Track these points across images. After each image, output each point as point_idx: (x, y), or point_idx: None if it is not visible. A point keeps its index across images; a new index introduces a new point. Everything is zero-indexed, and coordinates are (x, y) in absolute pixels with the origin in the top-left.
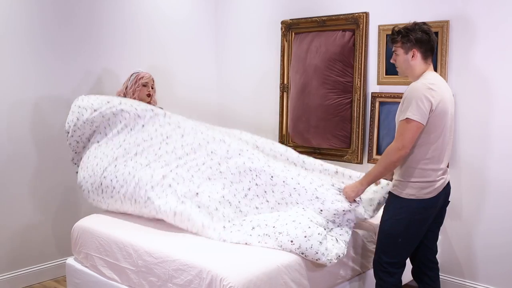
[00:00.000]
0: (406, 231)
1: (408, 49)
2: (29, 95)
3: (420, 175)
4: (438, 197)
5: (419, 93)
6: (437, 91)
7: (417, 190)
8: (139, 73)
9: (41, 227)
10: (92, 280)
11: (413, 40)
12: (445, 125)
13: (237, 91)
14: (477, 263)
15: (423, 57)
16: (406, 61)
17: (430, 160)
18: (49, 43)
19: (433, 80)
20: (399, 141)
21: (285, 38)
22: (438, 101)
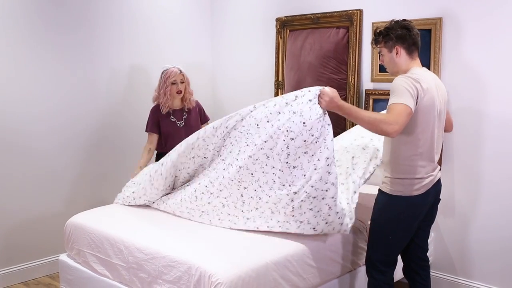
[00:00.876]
0: (396, 229)
1: (391, 47)
2: (31, 90)
3: (408, 172)
4: (427, 194)
5: (404, 83)
6: (422, 84)
7: (405, 187)
8: (167, 71)
9: (36, 224)
10: (84, 276)
11: (394, 38)
12: (433, 121)
13: (232, 89)
14: (470, 260)
15: (407, 52)
16: (392, 59)
17: (418, 156)
18: (50, 43)
19: (419, 75)
20: (391, 117)
21: (280, 35)
22: (424, 94)
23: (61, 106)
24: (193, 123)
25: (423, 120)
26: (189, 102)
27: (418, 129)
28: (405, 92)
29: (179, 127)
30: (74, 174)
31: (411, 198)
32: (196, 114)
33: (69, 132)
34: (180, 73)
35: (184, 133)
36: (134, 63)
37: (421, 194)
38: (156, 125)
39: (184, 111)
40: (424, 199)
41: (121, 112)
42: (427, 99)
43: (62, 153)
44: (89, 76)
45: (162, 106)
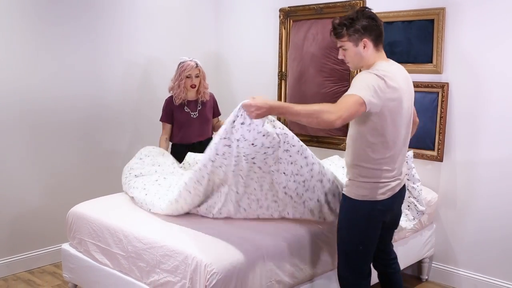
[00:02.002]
0: (366, 237)
1: (358, 40)
2: (39, 77)
3: (373, 175)
4: (394, 199)
5: (368, 78)
6: (389, 82)
7: (370, 191)
8: (183, 64)
9: (41, 212)
10: (85, 265)
11: (361, 29)
12: (401, 121)
13: (236, 79)
14: (471, 251)
15: (374, 45)
16: (358, 53)
17: (386, 159)
18: (56, 34)
19: (386, 71)
20: (336, 109)
21: (283, 26)
22: (391, 92)
23: (74, 97)
24: (207, 114)
25: (391, 121)
26: (203, 95)
27: (386, 131)
28: (363, 86)
29: (193, 118)
30: (83, 166)
31: (377, 203)
32: (210, 107)
33: (81, 122)
34: (196, 67)
35: (198, 123)
36: (143, 54)
37: (387, 198)
38: (169, 115)
39: (198, 103)
40: (391, 204)
41: (136, 103)
42: (394, 98)
43: (68, 143)
44: (103, 67)
45: (175, 97)
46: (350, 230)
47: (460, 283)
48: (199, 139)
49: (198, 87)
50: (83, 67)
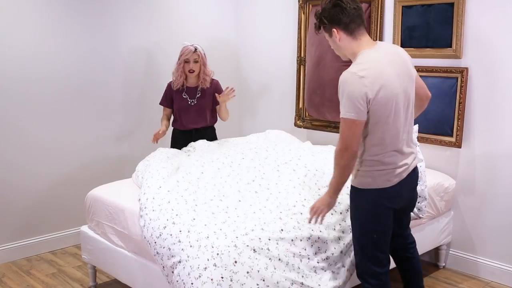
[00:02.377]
0: (377, 225)
1: (329, 31)
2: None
3: (376, 164)
4: (402, 185)
5: (350, 87)
6: (370, 78)
7: (374, 179)
8: (183, 48)
9: (65, 195)
10: (102, 247)
11: (328, 20)
12: (391, 111)
13: (255, 64)
14: (489, 239)
15: (348, 33)
16: (334, 44)
17: (383, 148)
18: (75, 15)
19: (366, 64)
20: (341, 143)
21: (303, 11)
22: (375, 89)
23: (82, 79)
24: (205, 103)
25: (382, 114)
26: (203, 82)
27: (378, 123)
28: (349, 102)
29: (190, 105)
30: (104, 150)
31: (382, 190)
32: (210, 94)
33: (104, 107)
34: (194, 52)
35: (195, 111)
36: (155, 39)
37: (393, 185)
38: (169, 99)
39: (198, 90)
40: (398, 191)
41: (141, 87)
42: (381, 93)
43: (96, 128)
44: (123, 55)
45: (173, 82)
46: (361, 220)
47: (478, 271)
48: (195, 126)
49: (198, 73)
50: (103, 52)
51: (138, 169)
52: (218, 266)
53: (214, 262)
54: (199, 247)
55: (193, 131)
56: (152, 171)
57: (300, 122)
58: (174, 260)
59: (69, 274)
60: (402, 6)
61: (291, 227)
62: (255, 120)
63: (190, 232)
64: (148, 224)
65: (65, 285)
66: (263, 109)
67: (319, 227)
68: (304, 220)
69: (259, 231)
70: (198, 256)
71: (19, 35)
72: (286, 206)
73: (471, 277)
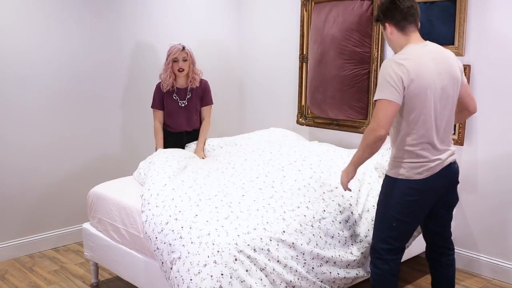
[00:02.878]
0: (400, 214)
1: (383, 25)
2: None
3: (410, 156)
4: (434, 180)
5: (388, 70)
6: (408, 66)
7: (407, 170)
8: (170, 47)
9: (67, 192)
10: (104, 244)
11: (383, 15)
12: (426, 102)
13: (258, 62)
14: (491, 237)
15: (398, 29)
16: (387, 37)
17: (417, 139)
18: (75, 12)
19: (408, 54)
20: (373, 122)
21: (305, 8)
22: (411, 77)
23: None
24: (194, 104)
25: (416, 104)
26: (192, 81)
27: (412, 113)
28: (386, 83)
29: (181, 107)
30: (106, 147)
31: (413, 182)
32: (198, 95)
33: (105, 105)
34: (183, 50)
35: (186, 113)
36: (163, 40)
37: (425, 178)
38: (161, 101)
39: (188, 91)
40: (430, 184)
41: (141, 85)
42: (416, 83)
43: (98, 126)
44: (125, 53)
45: (162, 83)
46: (386, 206)
47: (480, 268)
48: (186, 129)
49: (186, 71)
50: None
51: (141, 167)
52: (218, 263)
53: (214, 259)
54: (200, 243)
55: (184, 133)
56: (157, 169)
57: (302, 120)
58: (174, 256)
59: (71, 271)
60: None
61: (293, 230)
62: (257, 118)
63: (191, 229)
64: (151, 219)
65: (67, 282)
66: (265, 106)
67: (319, 233)
68: (306, 223)
69: (261, 231)
70: (199, 252)
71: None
72: (291, 206)
73: (472, 274)
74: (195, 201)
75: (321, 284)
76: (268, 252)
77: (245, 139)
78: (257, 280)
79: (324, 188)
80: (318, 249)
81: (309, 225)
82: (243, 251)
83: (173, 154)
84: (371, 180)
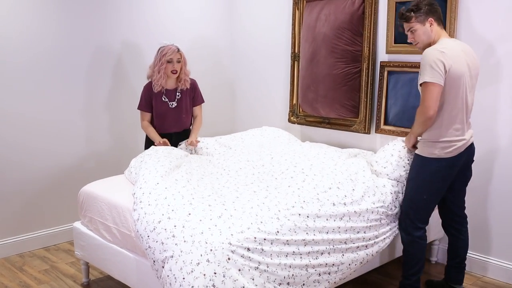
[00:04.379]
0: (430, 188)
1: (424, 20)
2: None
3: (443, 135)
4: (460, 157)
5: (432, 57)
6: (448, 54)
7: (439, 150)
8: (164, 48)
9: (58, 191)
10: (95, 243)
11: (426, 11)
12: (463, 87)
13: (250, 61)
14: (481, 234)
15: (438, 23)
16: (426, 31)
17: (451, 120)
18: (62, 11)
19: (445, 45)
20: (422, 104)
21: (297, 7)
22: (451, 64)
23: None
24: (186, 104)
25: (452, 88)
26: (183, 83)
27: (448, 96)
28: (429, 68)
29: (171, 108)
30: (95, 146)
31: (444, 160)
32: (189, 96)
33: (94, 108)
34: (177, 51)
35: (176, 114)
36: (156, 40)
37: (453, 156)
38: (149, 103)
39: (177, 92)
40: (456, 161)
41: (131, 84)
42: (454, 69)
43: (85, 128)
44: (113, 53)
45: (154, 84)
46: (419, 183)
47: (470, 266)
48: (175, 130)
49: (179, 73)
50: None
51: (132, 165)
52: (211, 261)
53: (207, 258)
54: (193, 242)
55: (173, 135)
56: (149, 168)
57: (294, 118)
58: (166, 255)
59: (62, 270)
60: (396, 2)
61: (287, 229)
62: (249, 116)
63: (184, 228)
64: (143, 218)
65: (58, 281)
66: (257, 105)
67: (313, 230)
68: (301, 222)
69: (255, 231)
70: (192, 251)
71: None
72: (285, 205)
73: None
74: (188, 200)
75: (318, 278)
76: (262, 251)
77: (238, 140)
78: (249, 279)
79: (318, 189)
80: (313, 243)
81: (304, 224)
82: (236, 251)
83: (165, 154)
84: (365, 179)
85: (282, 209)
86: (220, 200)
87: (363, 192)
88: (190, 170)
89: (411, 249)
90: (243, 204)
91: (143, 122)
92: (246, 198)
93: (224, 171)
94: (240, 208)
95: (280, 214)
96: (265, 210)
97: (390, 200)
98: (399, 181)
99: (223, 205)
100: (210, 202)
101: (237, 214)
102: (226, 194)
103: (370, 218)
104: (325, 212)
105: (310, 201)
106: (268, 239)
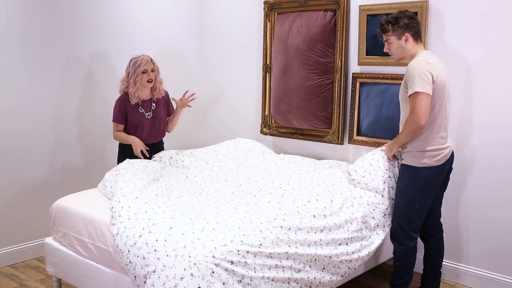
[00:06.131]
0: (422, 197)
1: (400, 35)
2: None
3: (431, 144)
4: (445, 165)
5: (420, 68)
6: (433, 64)
7: (429, 159)
8: (136, 59)
9: (23, 207)
10: (69, 259)
11: (403, 26)
12: (444, 96)
13: (221, 72)
14: (454, 242)
15: (414, 39)
16: (401, 46)
17: (437, 129)
18: (34, 28)
19: (427, 56)
20: (413, 114)
21: (268, 18)
22: (437, 74)
23: (50, 93)
24: (161, 114)
25: (438, 97)
26: (158, 91)
27: (436, 106)
28: (419, 78)
29: (147, 119)
30: (66, 160)
31: (434, 168)
32: (163, 106)
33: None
34: (150, 61)
35: (152, 125)
36: (125, 52)
37: (442, 164)
38: (123, 115)
39: (152, 102)
40: (443, 169)
41: (87, 99)
42: (439, 79)
43: (53, 141)
44: (79, 65)
45: (131, 96)
46: (410, 193)
47: (444, 273)
48: (153, 141)
49: (154, 82)
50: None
51: (106, 179)
52: (195, 275)
53: (191, 272)
54: (176, 256)
55: (150, 146)
56: (126, 181)
57: (266, 130)
58: (148, 270)
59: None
60: (367, 14)
61: (270, 242)
62: (221, 128)
63: (166, 241)
64: (123, 232)
65: None
66: (229, 116)
67: (295, 243)
68: (283, 234)
69: (238, 243)
70: (175, 265)
71: None
72: (267, 218)
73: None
74: (169, 214)
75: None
76: (245, 264)
77: (212, 153)
78: None
79: (297, 202)
80: (295, 256)
81: (286, 236)
82: (220, 264)
83: (142, 168)
84: (342, 190)
85: (264, 221)
86: (201, 215)
87: (341, 203)
88: (169, 186)
89: (404, 260)
90: (225, 218)
91: (115, 133)
92: (227, 213)
93: (203, 191)
94: (223, 222)
95: (262, 227)
96: (247, 223)
97: (368, 211)
98: (377, 191)
99: (205, 219)
100: (191, 217)
101: (219, 227)
102: (207, 211)
103: (350, 229)
104: (306, 225)
105: (291, 213)
106: (251, 252)
